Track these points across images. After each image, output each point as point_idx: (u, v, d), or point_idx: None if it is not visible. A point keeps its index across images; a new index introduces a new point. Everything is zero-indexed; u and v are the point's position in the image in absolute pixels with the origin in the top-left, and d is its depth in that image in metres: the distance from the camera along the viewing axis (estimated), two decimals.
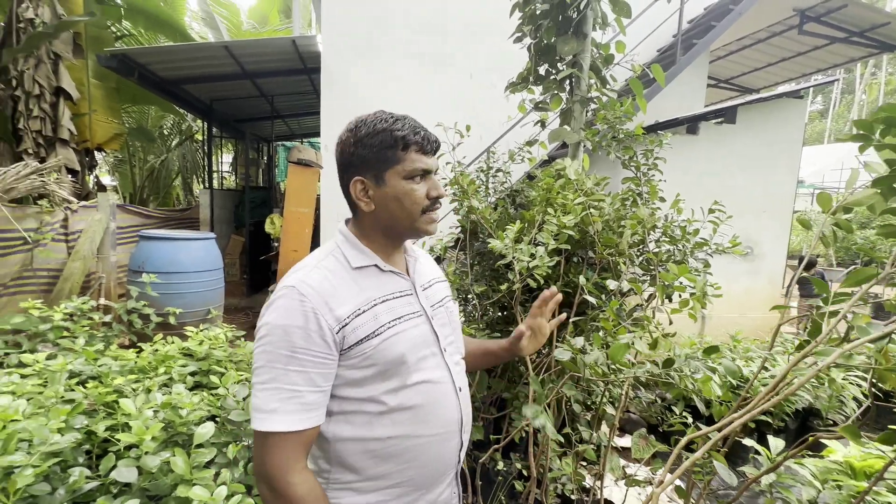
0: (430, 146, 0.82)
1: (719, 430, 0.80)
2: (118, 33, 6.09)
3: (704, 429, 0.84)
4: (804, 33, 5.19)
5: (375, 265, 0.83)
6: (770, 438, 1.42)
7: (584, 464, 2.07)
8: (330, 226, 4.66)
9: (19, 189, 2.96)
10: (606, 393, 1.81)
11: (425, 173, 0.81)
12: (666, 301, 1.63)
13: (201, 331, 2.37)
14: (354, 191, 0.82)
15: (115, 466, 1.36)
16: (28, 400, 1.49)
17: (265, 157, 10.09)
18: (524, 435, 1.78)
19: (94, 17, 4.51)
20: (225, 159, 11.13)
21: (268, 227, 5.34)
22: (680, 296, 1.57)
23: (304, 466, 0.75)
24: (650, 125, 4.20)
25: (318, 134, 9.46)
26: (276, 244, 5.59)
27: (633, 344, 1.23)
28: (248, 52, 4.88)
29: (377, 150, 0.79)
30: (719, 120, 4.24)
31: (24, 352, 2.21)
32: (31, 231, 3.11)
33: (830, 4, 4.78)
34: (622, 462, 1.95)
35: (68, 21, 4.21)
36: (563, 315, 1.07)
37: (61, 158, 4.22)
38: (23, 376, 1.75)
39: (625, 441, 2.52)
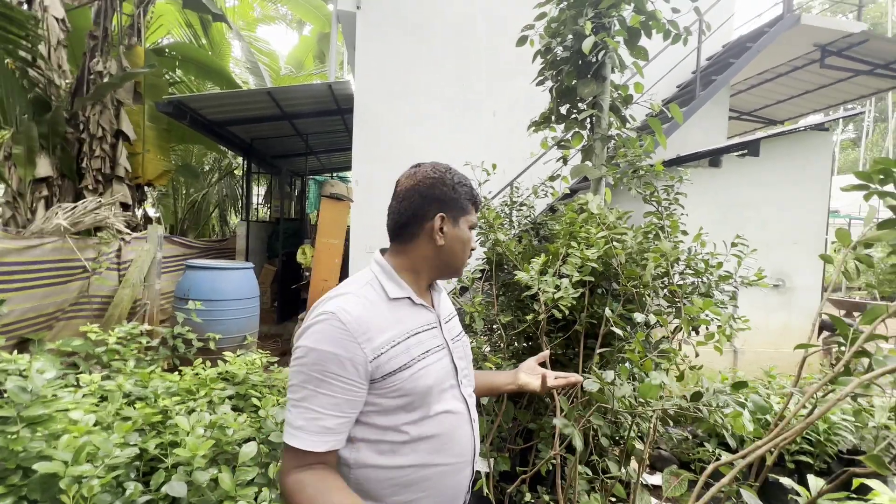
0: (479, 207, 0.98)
1: (744, 457, 0.84)
2: (171, 80, 6.70)
3: (729, 456, 0.88)
4: (826, 67, 5.22)
5: (409, 297, 0.88)
6: (810, 478, 1.39)
7: (614, 500, 2.03)
8: (358, 256, 4.82)
9: (85, 223, 3.26)
10: (635, 427, 1.80)
11: (473, 228, 0.96)
12: (693, 333, 1.65)
13: (238, 356, 2.49)
14: (435, 224, 0.88)
15: (165, 481, 1.46)
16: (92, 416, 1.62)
17: (297, 190, 10.59)
18: (551, 467, 1.78)
19: (153, 68, 5.01)
20: (258, 192, 11.74)
21: (299, 258, 5.58)
22: (707, 328, 1.59)
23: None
24: (671, 159, 4.25)
25: (347, 168, 9.94)
26: (306, 273, 5.80)
27: (664, 385, 1.26)
28: (289, 96, 5.30)
29: (463, 198, 0.91)
30: (742, 153, 4.26)
31: (81, 372, 2.38)
32: (90, 260, 3.39)
33: (851, 39, 4.82)
34: (653, 500, 1.91)
35: (132, 73, 4.70)
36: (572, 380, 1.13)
37: (118, 195, 4.60)
38: (84, 395, 1.90)
39: (655, 479, 2.45)
